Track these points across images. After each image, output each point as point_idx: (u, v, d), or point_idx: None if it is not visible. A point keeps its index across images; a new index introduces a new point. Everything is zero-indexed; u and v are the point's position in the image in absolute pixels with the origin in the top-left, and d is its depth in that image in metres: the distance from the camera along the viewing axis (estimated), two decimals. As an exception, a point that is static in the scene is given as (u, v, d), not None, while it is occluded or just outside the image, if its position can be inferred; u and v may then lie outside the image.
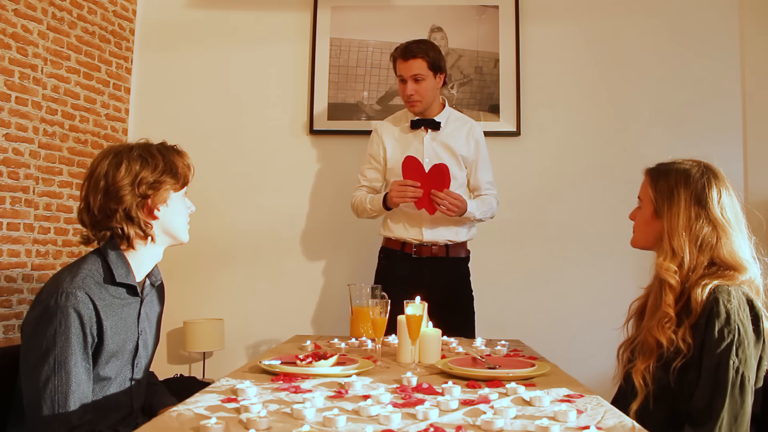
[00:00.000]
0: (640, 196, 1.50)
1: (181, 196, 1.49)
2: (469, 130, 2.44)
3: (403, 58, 2.31)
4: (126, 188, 1.38)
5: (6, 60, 2.42)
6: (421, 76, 2.30)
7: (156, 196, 1.42)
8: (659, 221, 1.42)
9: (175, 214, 1.47)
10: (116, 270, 1.39)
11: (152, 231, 1.43)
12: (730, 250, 1.35)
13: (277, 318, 3.05)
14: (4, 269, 2.43)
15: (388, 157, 2.43)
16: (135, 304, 1.46)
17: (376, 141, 2.47)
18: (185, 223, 1.51)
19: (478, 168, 2.44)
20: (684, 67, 3.01)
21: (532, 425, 1.00)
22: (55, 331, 1.28)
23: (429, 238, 2.35)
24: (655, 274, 1.41)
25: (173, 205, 1.46)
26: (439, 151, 2.38)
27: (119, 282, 1.40)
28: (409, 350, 1.58)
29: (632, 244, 1.53)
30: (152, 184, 1.41)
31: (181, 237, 1.50)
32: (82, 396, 1.29)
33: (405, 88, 2.33)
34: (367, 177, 2.48)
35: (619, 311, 1.61)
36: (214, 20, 3.18)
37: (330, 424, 0.98)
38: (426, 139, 2.39)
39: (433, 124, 2.38)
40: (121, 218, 1.39)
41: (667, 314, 1.33)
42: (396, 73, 2.38)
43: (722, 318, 1.26)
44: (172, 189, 1.45)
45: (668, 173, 1.43)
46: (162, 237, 1.47)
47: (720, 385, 1.24)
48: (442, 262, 2.38)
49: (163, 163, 1.43)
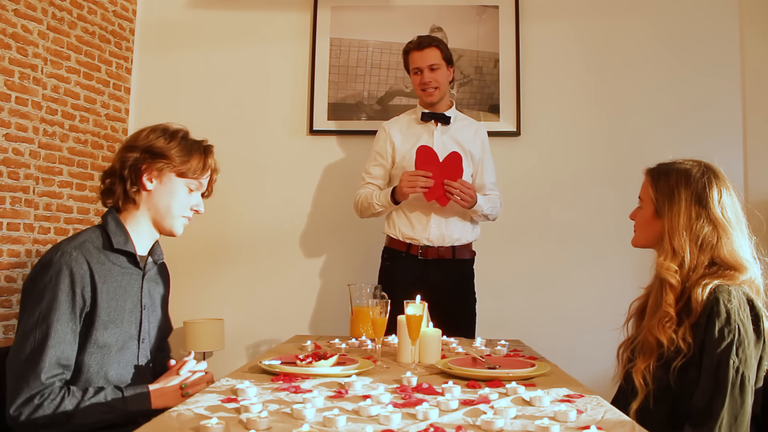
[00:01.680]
0: (641, 196, 1.50)
1: (181, 184, 1.50)
2: (476, 130, 2.47)
3: (418, 49, 2.35)
4: (138, 149, 1.45)
5: (6, 60, 2.42)
6: (437, 65, 2.34)
7: (151, 166, 1.45)
8: (660, 221, 1.42)
9: (168, 195, 1.48)
10: (114, 237, 1.43)
11: (138, 197, 1.46)
12: (730, 249, 1.35)
13: (277, 318, 3.05)
14: (4, 269, 2.43)
15: (396, 149, 2.42)
16: (136, 276, 1.48)
17: (382, 137, 2.46)
18: (178, 214, 1.51)
19: (484, 168, 2.44)
20: (684, 67, 3.01)
21: (532, 425, 1.00)
22: (45, 286, 1.32)
23: (435, 239, 2.33)
24: (656, 273, 1.41)
25: (169, 187, 1.48)
26: (448, 144, 2.39)
27: (118, 249, 1.43)
28: (409, 350, 1.58)
29: (633, 243, 1.54)
30: (155, 153, 1.45)
31: (167, 224, 1.51)
32: (60, 354, 1.31)
33: (422, 78, 2.36)
34: (372, 174, 2.46)
35: (619, 311, 1.61)
36: (214, 20, 3.18)
37: (330, 424, 0.98)
38: (436, 133, 2.40)
39: (444, 119, 2.40)
40: (119, 174, 1.45)
41: (668, 314, 1.33)
42: (409, 67, 2.42)
43: (722, 318, 1.26)
44: (173, 171, 1.47)
45: (669, 173, 1.43)
46: (148, 212, 1.48)
47: (720, 384, 1.24)
48: (448, 263, 2.36)
49: (177, 145, 1.47)
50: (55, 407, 1.28)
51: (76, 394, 1.31)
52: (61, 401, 1.29)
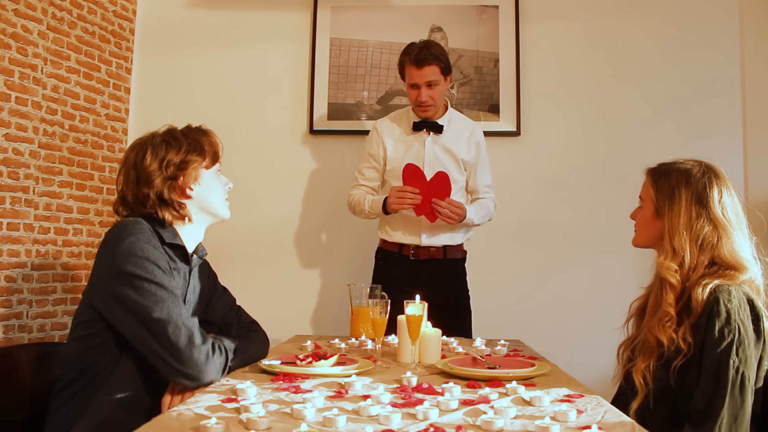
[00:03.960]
0: (642, 195, 1.50)
1: (213, 174, 1.51)
2: (471, 133, 2.43)
3: (417, 66, 2.26)
4: (155, 173, 1.42)
5: (6, 60, 2.42)
6: (435, 82, 2.28)
7: (185, 176, 1.45)
8: (660, 221, 1.42)
9: (210, 190, 1.50)
10: (163, 233, 1.42)
11: (187, 211, 1.46)
12: (730, 249, 1.35)
13: (277, 318, 3.02)
14: (4, 269, 2.43)
15: (388, 157, 2.42)
16: (184, 272, 1.49)
17: (375, 140, 2.45)
18: (222, 199, 1.54)
19: (478, 171, 2.43)
20: (684, 67, 3.01)
21: (532, 425, 1.00)
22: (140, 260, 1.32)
23: (427, 243, 2.36)
24: (656, 273, 1.41)
25: (206, 183, 1.49)
26: (440, 154, 2.37)
27: (169, 242, 1.43)
28: (409, 350, 1.58)
29: (633, 243, 1.54)
30: (179, 164, 1.44)
31: (220, 213, 1.53)
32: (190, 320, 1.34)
33: (418, 94, 2.29)
34: (365, 176, 2.46)
35: (619, 311, 1.61)
36: (214, 20, 3.18)
37: (330, 424, 0.98)
38: (428, 142, 2.38)
39: (436, 127, 2.37)
40: (155, 203, 1.42)
41: (668, 313, 1.34)
42: (404, 77, 2.35)
43: (723, 317, 1.26)
44: (202, 167, 1.48)
45: (669, 173, 1.43)
46: (200, 215, 1.49)
47: (720, 384, 1.24)
48: (439, 263, 2.38)
49: (186, 144, 1.47)
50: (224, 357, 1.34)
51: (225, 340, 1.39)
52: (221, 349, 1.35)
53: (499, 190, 2.56)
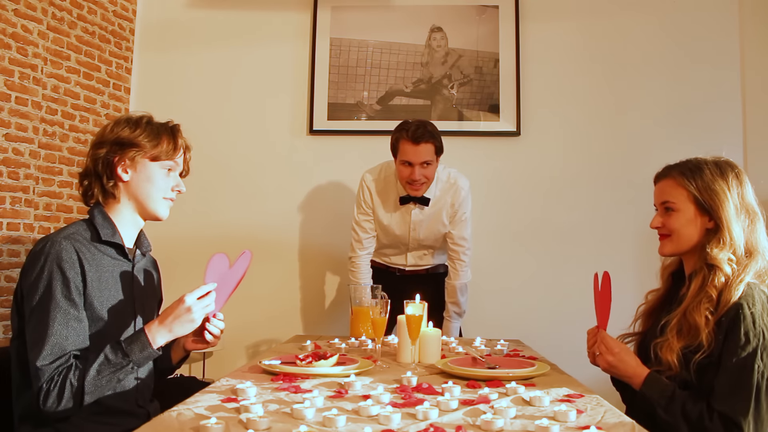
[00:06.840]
0: (669, 199, 1.43)
1: (159, 169, 1.49)
2: (453, 196, 2.41)
3: (413, 142, 2.23)
4: (106, 144, 1.45)
5: (6, 60, 2.42)
6: (429, 161, 2.27)
7: (123, 157, 1.45)
8: (704, 217, 1.40)
9: (146, 181, 1.48)
10: (102, 230, 1.43)
11: (117, 191, 1.46)
12: (756, 237, 1.36)
13: (277, 318, 3.05)
14: (4, 269, 2.43)
15: (377, 218, 2.47)
16: (126, 267, 1.49)
17: (367, 196, 2.46)
18: (160, 197, 1.51)
19: (456, 225, 2.43)
20: (684, 67, 3.01)
21: (532, 425, 1.00)
22: (37, 277, 1.32)
23: (411, 268, 2.55)
24: (702, 265, 1.37)
25: (145, 173, 1.47)
26: (425, 221, 2.44)
27: (105, 240, 1.43)
28: (409, 350, 1.58)
29: (667, 252, 1.46)
30: (123, 144, 1.45)
31: (151, 207, 1.50)
32: (62, 341, 1.29)
33: (411, 172, 2.27)
34: (364, 228, 2.48)
35: (619, 311, 1.61)
36: (214, 20, 3.18)
37: (330, 424, 0.98)
38: (414, 212, 2.43)
39: (423, 200, 2.39)
40: (93, 172, 1.45)
41: (709, 294, 1.32)
42: (397, 154, 2.31)
43: (748, 321, 1.26)
44: (145, 156, 1.47)
45: (699, 169, 1.41)
46: (131, 204, 1.48)
47: (744, 388, 1.24)
48: (423, 277, 2.56)
49: (144, 131, 1.47)
50: (59, 389, 1.27)
51: (78, 367, 1.30)
52: (64, 381, 1.27)
53: (499, 190, 2.56)
